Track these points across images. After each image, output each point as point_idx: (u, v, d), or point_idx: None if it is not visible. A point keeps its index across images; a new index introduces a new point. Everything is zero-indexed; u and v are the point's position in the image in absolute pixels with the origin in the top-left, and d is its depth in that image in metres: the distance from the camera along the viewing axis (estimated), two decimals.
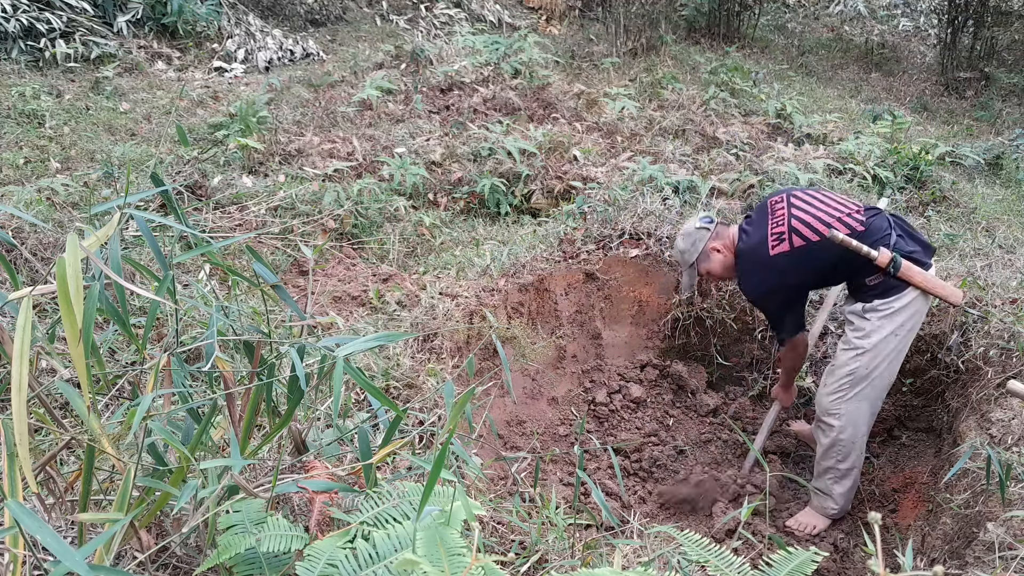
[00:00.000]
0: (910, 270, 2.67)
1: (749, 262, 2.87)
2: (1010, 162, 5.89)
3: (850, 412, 2.84)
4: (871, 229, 2.71)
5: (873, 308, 2.74)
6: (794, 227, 2.75)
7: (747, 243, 2.87)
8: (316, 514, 1.48)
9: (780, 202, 2.85)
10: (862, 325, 2.77)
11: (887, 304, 2.71)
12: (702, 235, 2.98)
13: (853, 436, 2.88)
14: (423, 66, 6.56)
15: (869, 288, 2.74)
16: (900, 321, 2.72)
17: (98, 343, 1.46)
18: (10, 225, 3.35)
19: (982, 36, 8.39)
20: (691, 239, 3.00)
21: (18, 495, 1.15)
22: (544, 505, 2.29)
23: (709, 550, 1.48)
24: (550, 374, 3.73)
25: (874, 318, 2.74)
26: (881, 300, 2.72)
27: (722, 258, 2.96)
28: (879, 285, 2.72)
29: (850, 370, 2.80)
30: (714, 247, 2.96)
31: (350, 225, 4.16)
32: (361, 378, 1.34)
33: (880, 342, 2.73)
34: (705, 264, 3.01)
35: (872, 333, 2.74)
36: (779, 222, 2.79)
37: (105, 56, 6.29)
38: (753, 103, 6.32)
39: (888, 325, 2.72)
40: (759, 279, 2.86)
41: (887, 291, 2.71)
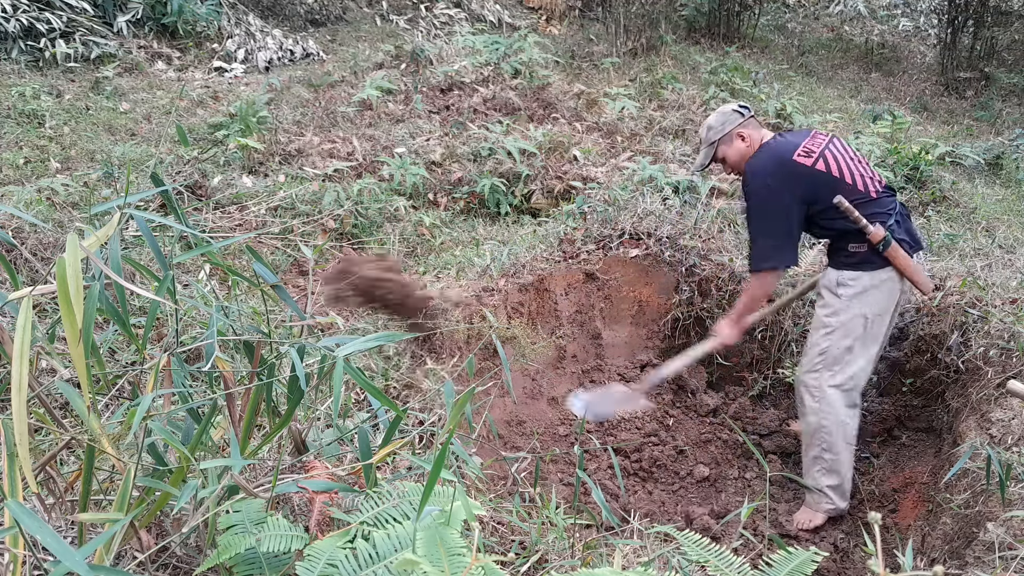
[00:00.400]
0: (896, 251, 2.70)
1: (767, 158, 2.79)
2: (1010, 162, 5.89)
3: (828, 396, 2.83)
4: (879, 201, 2.73)
5: (844, 283, 2.74)
6: (825, 154, 2.73)
7: (776, 143, 2.83)
8: (316, 514, 1.48)
9: (823, 135, 2.85)
10: (831, 302, 2.78)
11: (856, 279, 2.72)
12: (734, 118, 2.91)
13: (835, 425, 2.87)
14: (423, 66, 6.57)
15: (848, 254, 2.75)
16: (869, 302, 2.73)
17: (98, 343, 1.46)
18: (10, 225, 3.35)
19: (982, 36, 8.39)
20: (723, 118, 2.92)
21: (18, 495, 1.15)
22: (544, 505, 2.29)
23: (709, 550, 1.48)
24: (550, 374, 3.73)
25: (844, 295, 2.74)
26: (852, 272, 2.73)
27: (743, 147, 2.89)
28: (859, 255, 2.73)
29: (821, 349, 2.81)
30: (741, 133, 2.89)
31: (350, 225, 4.16)
32: (361, 378, 1.34)
33: (849, 321, 2.74)
34: (725, 147, 2.92)
35: (840, 311, 2.75)
36: (816, 144, 2.77)
37: (105, 56, 6.29)
38: (753, 103, 6.32)
39: (856, 305, 2.73)
40: (769, 171, 2.76)
41: (863, 263, 2.72)
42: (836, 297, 2.77)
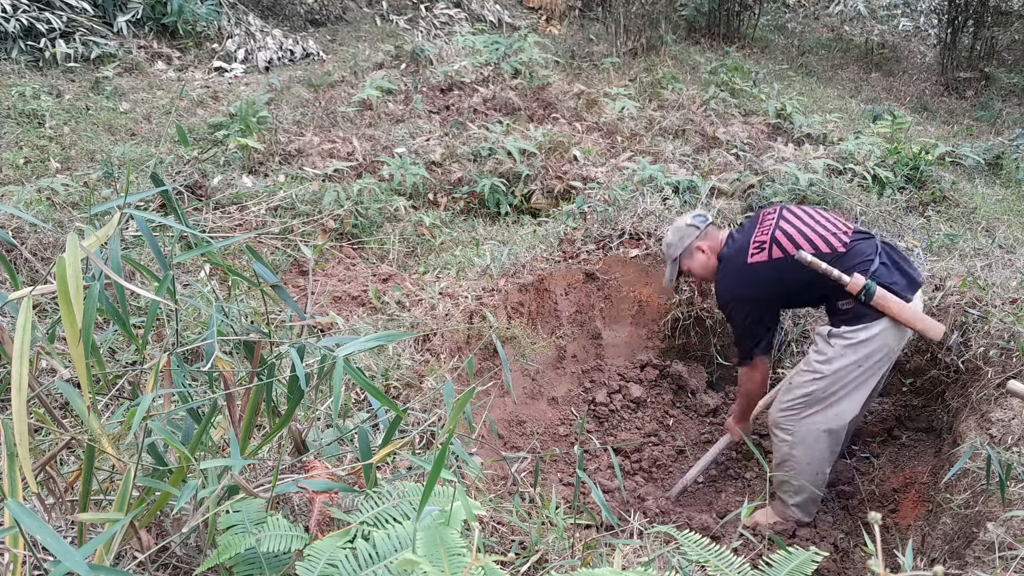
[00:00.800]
0: (884, 299, 2.59)
1: (727, 266, 2.87)
2: (1010, 162, 5.89)
3: (801, 432, 2.80)
4: (852, 252, 2.66)
5: (839, 334, 2.68)
6: (776, 238, 2.73)
7: (730, 248, 2.89)
8: (316, 514, 1.48)
9: (771, 213, 2.85)
10: (824, 349, 2.73)
11: (854, 332, 2.65)
12: (690, 232, 2.98)
13: (808, 457, 2.83)
14: (423, 66, 6.56)
15: (840, 312, 2.69)
16: (866, 352, 2.65)
17: (98, 343, 1.46)
18: (10, 225, 3.35)
19: (982, 36, 8.39)
20: (679, 234, 3.00)
21: (18, 495, 1.15)
22: (544, 505, 2.29)
23: (709, 550, 1.48)
24: (550, 374, 3.74)
25: (838, 345, 2.68)
26: (849, 327, 2.66)
27: (704, 259, 2.96)
28: (850, 311, 2.66)
29: (805, 392, 2.76)
30: (699, 246, 2.96)
31: (350, 225, 4.16)
32: (361, 378, 1.34)
33: (840, 369, 2.68)
34: (688, 261, 3.01)
35: (834, 360, 2.69)
36: (764, 231, 2.78)
37: (105, 56, 6.29)
38: (753, 103, 6.32)
39: (851, 354, 2.66)
40: (732, 283, 2.84)
41: (857, 318, 2.65)
42: (829, 346, 2.71)
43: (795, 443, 2.82)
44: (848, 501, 3.22)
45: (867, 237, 2.74)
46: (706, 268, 2.97)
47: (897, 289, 2.62)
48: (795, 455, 2.84)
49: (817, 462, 2.84)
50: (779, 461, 2.92)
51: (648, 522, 2.93)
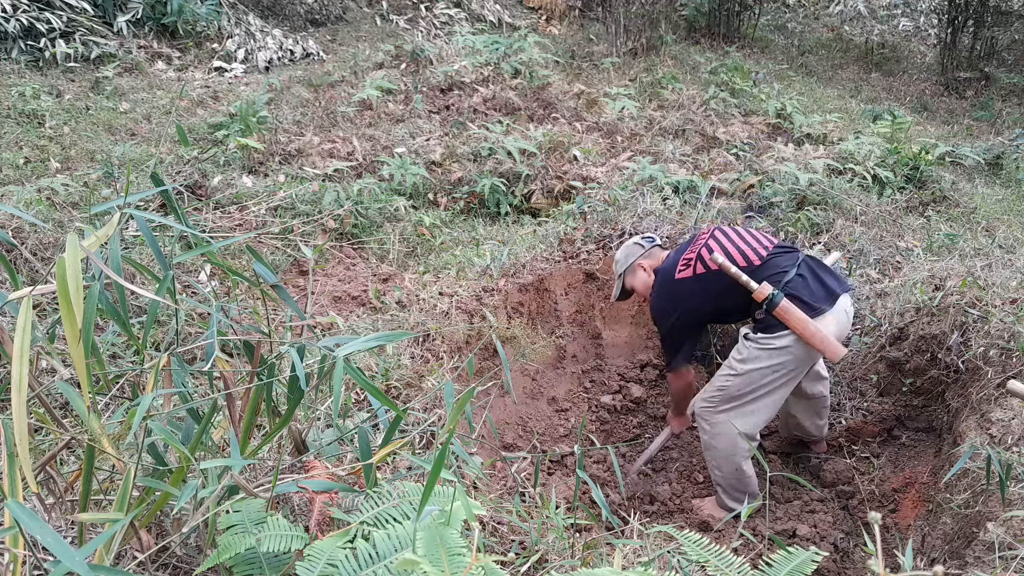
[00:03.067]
0: (787, 311, 2.68)
1: (659, 282, 3.03)
2: (1010, 162, 5.89)
3: (718, 425, 2.90)
4: (767, 264, 2.78)
5: (754, 339, 2.81)
6: (702, 255, 2.86)
7: (663, 265, 3.03)
8: (316, 514, 1.48)
9: (704, 234, 2.98)
10: (741, 348, 2.85)
11: (767, 340, 2.77)
12: (635, 251, 3.15)
13: (727, 451, 2.92)
14: (423, 66, 6.56)
15: (756, 321, 2.83)
16: (779, 360, 2.76)
17: (99, 344, 1.46)
18: (10, 225, 3.35)
19: (982, 36, 8.39)
20: (626, 252, 3.18)
21: (18, 495, 1.15)
22: (544, 505, 2.29)
23: (709, 550, 1.48)
24: (550, 374, 3.73)
25: (752, 347, 2.80)
26: (762, 335, 2.78)
27: (645, 277, 3.13)
28: (762, 321, 2.79)
29: (720, 385, 2.89)
30: (642, 265, 3.12)
31: (350, 225, 4.16)
32: (361, 378, 1.34)
33: (754, 371, 2.79)
34: (630, 278, 3.17)
35: (748, 360, 2.80)
36: (693, 250, 2.92)
37: (105, 56, 6.29)
38: (753, 103, 6.32)
39: (765, 359, 2.77)
40: (660, 298, 3.00)
41: (768, 327, 2.77)
42: (744, 347, 2.84)
43: (713, 435, 2.94)
44: (848, 501, 3.22)
45: (788, 251, 2.87)
46: (645, 285, 3.12)
47: (811, 300, 2.72)
48: (714, 445, 2.95)
49: (733, 457, 2.94)
50: (703, 449, 3.06)
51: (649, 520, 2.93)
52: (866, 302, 3.72)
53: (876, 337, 3.54)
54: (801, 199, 4.58)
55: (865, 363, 3.55)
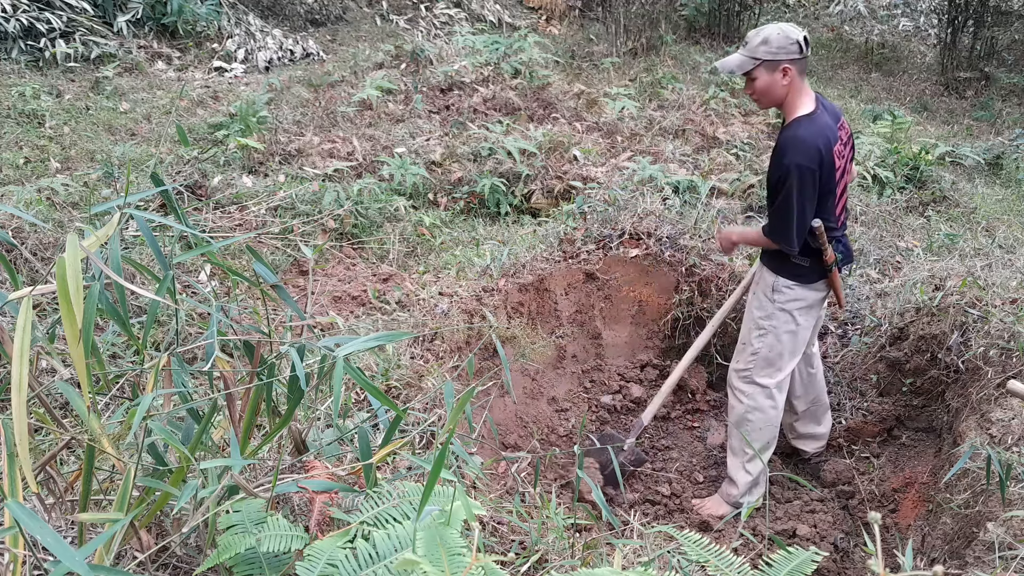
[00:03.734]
0: (835, 274, 2.78)
1: (810, 138, 2.56)
2: (1010, 162, 5.89)
3: (758, 393, 2.92)
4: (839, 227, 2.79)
5: (779, 289, 2.79)
6: (845, 168, 2.71)
7: (817, 122, 2.59)
8: (316, 514, 1.48)
9: (846, 137, 2.72)
10: (765, 305, 2.83)
11: (792, 288, 2.77)
12: (793, 50, 2.57)
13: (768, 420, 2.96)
14: (423, 66, 6.56)
15: (790, 264, 2.76)
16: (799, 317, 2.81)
17: (99, 344, 1.46)
18: (10, 225, 3.35)
19: (982, 36, 8.39)
20: (783, 40, 2.56)
21: (18, 495, 1.15)
22: (544, 505, 2.29)
23: (709, 550, 1.48)
24: (550, 374, 3.73)
25: (778, 301, 2.80)
26: (790, 282, 2.77)
27: (779, 84, 2.60)
28: (802, 268, 2.75)
29: (754, 350, 2.89)
30: (787, 68, 2.57)
31: (350, 225, 4.16)
32: (361, 378, 1.34)
33: (779, 328, 2.82)
34: (765, 71, 2.59)
35: (772, 316, 2.81)
36: (842, 153, 2.66)
37: (105, 56, 6.29)
38: (753, 103, 6.31)
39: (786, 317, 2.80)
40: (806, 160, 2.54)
41: (802, 276, 2.76)
42: (770, 302, 2.81)
43: (749, 405, 2.93)
44: (848, 501, 3.22)
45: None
46: (772, 93, 2.63)
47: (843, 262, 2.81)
48: (751, 419, 2.95)
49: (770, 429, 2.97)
50: (734, 423, 3.01)
51: (649, 520, 2.93)
52: (866, 302, 3.72)
53: (876, 337, 3.54)
54: None
55: (865, 363, 3.55)
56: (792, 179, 2.55)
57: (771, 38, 2.56)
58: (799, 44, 2.57)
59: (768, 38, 2.56)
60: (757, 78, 2.62)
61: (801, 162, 2.53)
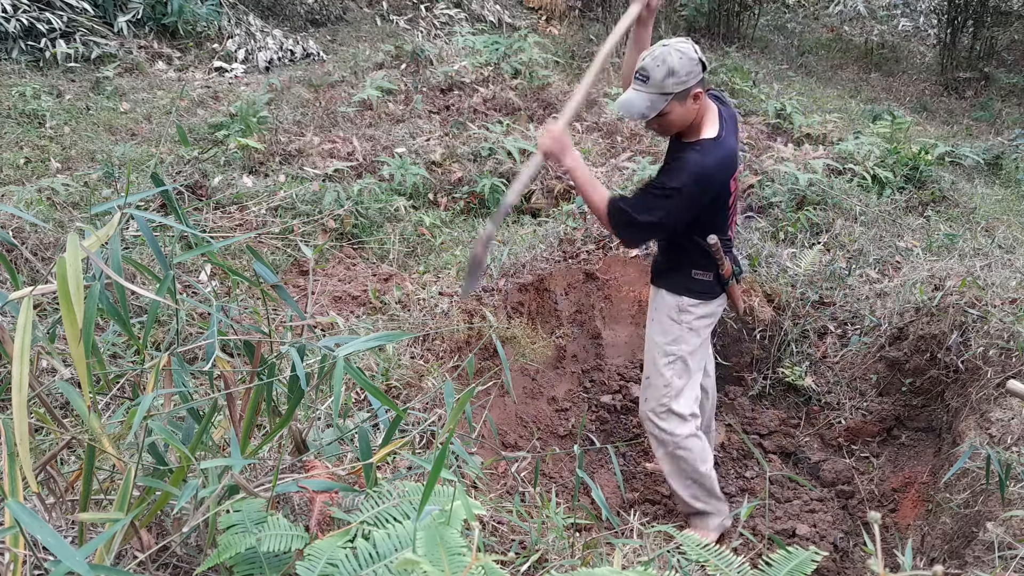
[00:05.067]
0: (734, 288, 2.71)
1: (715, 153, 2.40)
2: (1010, 162, 5.89)
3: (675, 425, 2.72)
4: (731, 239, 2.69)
5: (685, 309, 2.64)
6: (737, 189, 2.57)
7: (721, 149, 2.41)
8: (316, 514, 1.48)
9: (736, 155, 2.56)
10: (671, 329, 2.67)
11: (697, 307, 2.65)
12: (697, 72, 2.35)
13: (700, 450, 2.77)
14: (423, 66, 6.56)
15: (691, 280, 2.63)
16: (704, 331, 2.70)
17: (99, 344, 1.46)
18: (11, 225, 3.35)
19: (982, 36, 8.39)
20: (690, 66, 2.33)
21: (18, 495, 1.15)
22: (544, 505, 2.29)
23: (709, 550, 1.48)
24: (550, 374, 3.74)
25: (685, 322, 2.65)
26: (693, 300, 2.64)
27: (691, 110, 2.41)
28: (703, 283, 2.63)
29: (666, 381, 2.69)
30: (697, 93, 2.37)
31: (350, 225, 4.16)
32: (361, 378, 1.34)
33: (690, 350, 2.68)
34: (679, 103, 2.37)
35: (681, 339, 2.66)
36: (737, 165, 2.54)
37: (105, 56, 6.29)
38: (753, 103, 6.32)
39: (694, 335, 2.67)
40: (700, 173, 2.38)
41: (704, 292, 2.65)
42: (677, 324, 2.66)
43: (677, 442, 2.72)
44: (848, 501, 3.22)
45: None
46: (682, 124, 2.45)
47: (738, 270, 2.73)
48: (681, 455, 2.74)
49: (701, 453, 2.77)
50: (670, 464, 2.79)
51: (649, 520, 2.93)
52: (866, 302, 3.72)
53: (876, 337, 3.54)
54: (800, 199, 4.58)
55: (865, 363, 3.55)
56: (677, 199, 2.39)
57: (676, 67, 2.32)
58: (701, 61, 2.37)
59: (673, 68, 2.32)
60: (669, 113, 2.39)
61: (694, 190, 2.38)
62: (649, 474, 3.38)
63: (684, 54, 2.33)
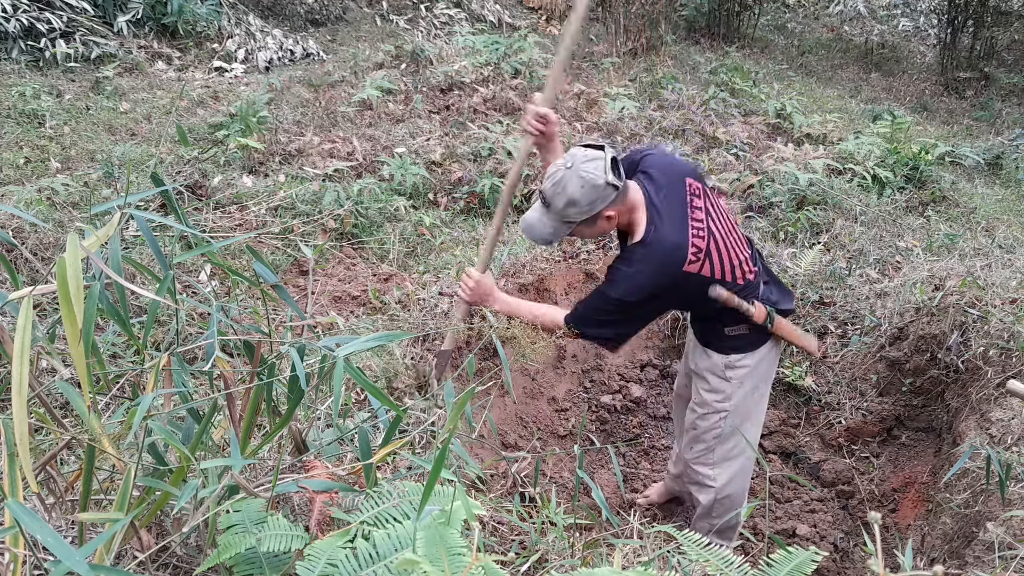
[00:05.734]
0: (781, 325, 2.40)
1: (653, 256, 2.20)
2: (1010, 162, 5.89)
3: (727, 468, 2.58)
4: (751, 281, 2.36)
5: (731, 365, 2.44)
6: (710, 251, 2.23)
7: (660, 237, 2.20)
8: (316, 514, 1.48)
9: (699, 199, 2.30)
10: (721, 387, 2.47)
11: (744, 359, 2.43)
12: (607, 195, 2.14)
13: (740, 489, 2.64)
14: (423, 66, 6.56)
15: (727, 338, 2.41)
16: (761, 375, 2.49)
17: (99, 344, 1.46)
18: (10, 225, 3.35)
19: (982, 36, 8.39)
20: (594, 194, 2.13)
21: (18, 495, 1.15)
22: (544, 505, 2.29)
23: (709, 550, 1.48)
24: (550, 374, 3.73)
25: (734, 378, 2.44)
26: (739, 355, 2.43)
27: (606, 226, 2.25)
28: (741, 337, 2.41)
29: (716, 434, 2.52)
30: (609, 214, 2.19)
31: (350, 225, 4.16)
32: (361, 378, 1.34)
33: (741, 401, 2.48)
34: (589, 226, 2.23)
35: (733, 395, 2.47)
36: (699, 232, 2.24)
37: (105, 56, 6.29)
38: (753, 103, 6.32)
39: (748, 382, 2.46)
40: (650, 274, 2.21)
41: (749, 345, 2.41)
42: (726, 382, 2.46)
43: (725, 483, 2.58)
44: (848, 501, 3.22)
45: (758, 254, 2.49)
46: (601, 233, 2.32)
47: (787, 306, 2.45)
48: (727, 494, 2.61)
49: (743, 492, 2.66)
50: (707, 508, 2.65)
51: (649, 520, 2.93)
52: (866, 302, 3.72)
53: (876, 337, 3.54)
54: (801, 199, 4.58)
55: (865, 363, 3.55)
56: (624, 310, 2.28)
57: (576, 198, 2.12)
58: (610, 184, 2.12)
59: (573, 198, 2.12)
60: (580, 233, 2.28)
61: (635, 300, 2.23)
62: (648, 474, 3.38)
63: (587, 181, 2.10)
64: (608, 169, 2.12)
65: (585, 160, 2.13)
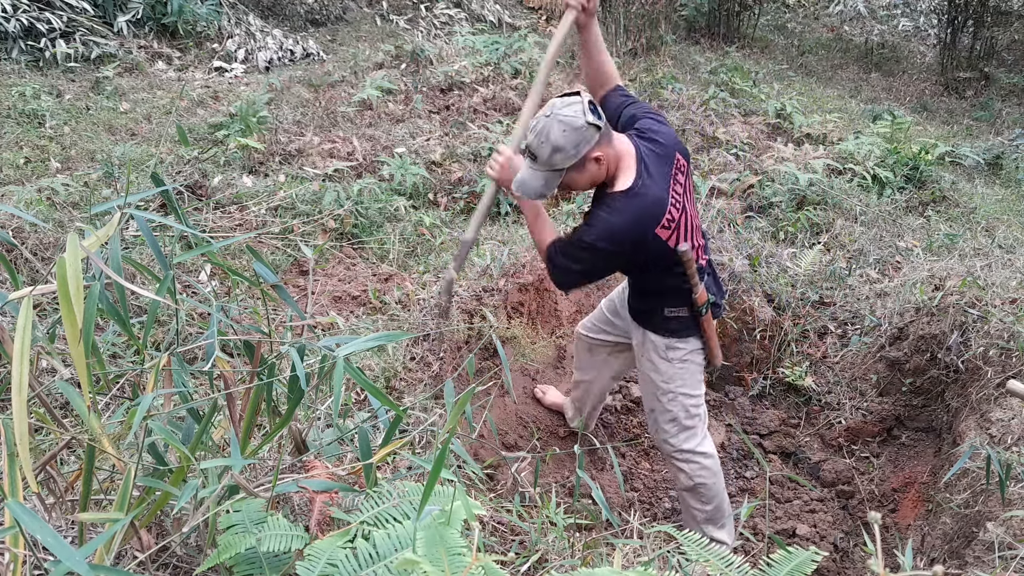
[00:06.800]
0: (708, 321, 2.50)
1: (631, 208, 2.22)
2: (1010, 162, 5.89)
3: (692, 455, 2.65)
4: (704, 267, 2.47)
5: (673, 347, 2.53)
6: (679, 225, 2.29)
7: (646, 190, 2.22)
8: (316, 514, 1.48)
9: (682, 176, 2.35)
10: (663, 367, 2.56)
11: (681, 344, 2.52)
12: (590, 136, 2.14)
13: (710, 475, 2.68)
14: (423, 66, 6.56)
15: (665, 319, 2.49)
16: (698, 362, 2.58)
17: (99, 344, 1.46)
18: (10, 225, 3.35)
19: (982, 36, 8.39)
20: (577, 136, 2.13)
21: (18, 495, 1.15)
22: (544, 505, 2.29)
23: (709, 550, 1.48)
24: (550, 374, 3.73)
25: (675, 359, 2.54)
26: (676, 339, 2.52)
27: (596, 171, 2.23)
28: (677, 321, 2.48)
29: (671, 416, 2.61)
30: (596, 155, 2.19)
31: (350, 225, 4.16)
32: (361, 378, 1.34)
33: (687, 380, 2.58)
34: (578, 171, 2.21)
35: (675, 377, 2.56)
36: (676, 204, 2.28)
37: (105, 56, 6.29)
38: (753, 103, 6.32)
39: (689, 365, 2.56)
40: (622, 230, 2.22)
41: (681, 331, 2.50)
42: (668, 362, 2.55)
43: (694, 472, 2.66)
44: (848, 501, 3.22)
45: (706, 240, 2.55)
46: (593, 182, 2.30)
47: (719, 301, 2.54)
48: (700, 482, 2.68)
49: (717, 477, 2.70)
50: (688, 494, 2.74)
51: (648, 520, 2.93)
52: (866, 302, 3.72)
53: (876, 337, 3.54)
54: (801, 199, 4.59)
55: (865, 363, 3.55)
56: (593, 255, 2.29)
57: (561, 143, 2.13)
58: (591, 124, 2.14)
59: (557, 145, 2.14)
60: (572, 182, 2.27)
61: (609, 248, 2.25)
62: (648, 474, 3.38)
63: (568, 125, 2.12)
64: (587, 111, 2.14)
65: (564, 106, 2.16)
